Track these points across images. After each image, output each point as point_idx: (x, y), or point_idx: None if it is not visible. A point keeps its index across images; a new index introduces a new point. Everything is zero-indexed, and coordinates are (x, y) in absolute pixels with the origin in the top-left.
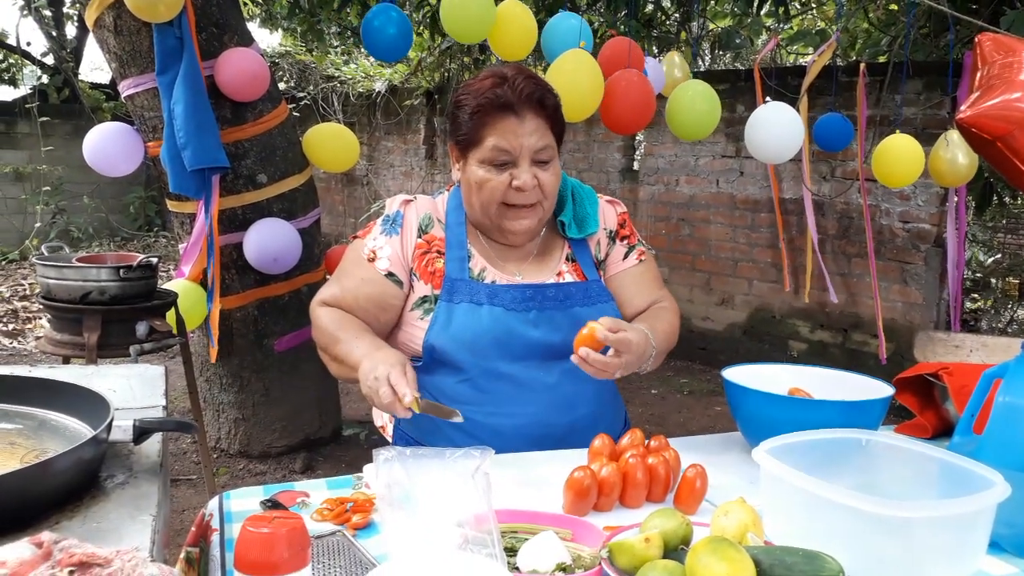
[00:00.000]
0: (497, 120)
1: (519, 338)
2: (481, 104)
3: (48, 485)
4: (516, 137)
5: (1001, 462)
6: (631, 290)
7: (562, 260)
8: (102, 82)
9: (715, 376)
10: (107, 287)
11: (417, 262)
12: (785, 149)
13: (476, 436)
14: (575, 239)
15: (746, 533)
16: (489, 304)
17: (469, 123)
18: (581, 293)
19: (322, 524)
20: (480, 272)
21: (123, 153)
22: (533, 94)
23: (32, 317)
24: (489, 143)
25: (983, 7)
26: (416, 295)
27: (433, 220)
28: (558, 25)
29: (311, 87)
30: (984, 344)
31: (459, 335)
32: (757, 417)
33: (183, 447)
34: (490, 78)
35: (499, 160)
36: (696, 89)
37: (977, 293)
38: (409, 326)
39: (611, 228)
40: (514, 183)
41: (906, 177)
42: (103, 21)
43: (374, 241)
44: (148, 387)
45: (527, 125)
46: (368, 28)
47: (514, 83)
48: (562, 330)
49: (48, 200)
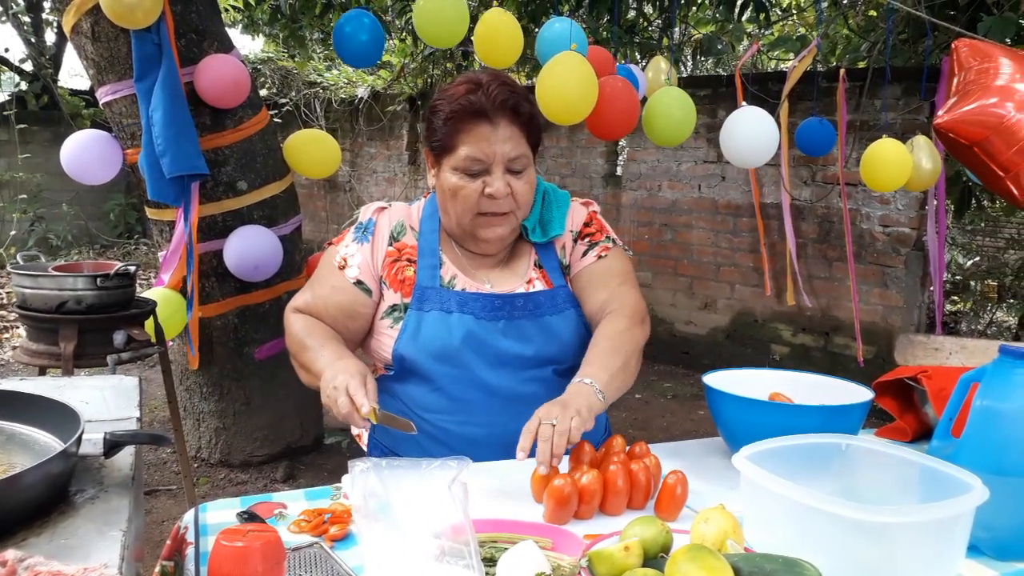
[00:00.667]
0: (471, 127)
1: (489, 347)
2: (455, 110)
3: (15, 501)
4: (489, 145)
5: (979, 466)
6: (588, 290)
7: (531, 267)
8: (81, 89)
9: (698, 380)
10: (84, 296)
11: (387, 270)
12: (760, 153)
13: (449, 445)
14: (540, 244)
15: (726, 540)
16: (459, 312)
17: (443, 129)
18: (549, 301)
19: (299, 536)
20: (451, 280)
21: (101, 161)
22: (507, 101)
23: (9, 326)
24: (462, 151)
25: (960, 13)
26: (386, 303)
27: (406, 228)
28: (551, 30)
29: (293, 93)
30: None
31: (428, 344)
32: (738, 422)
33: (163, 457)
34: (464, 84)
35: (472, 168)
36: (672, 95)
37: (957, 296)
38: (380, 334)
39: (576, 229)
40: (487, 191)
41: (894, 181)
42: (80, 27)
43: (346, 248)
44: (122, 398)
45: (500, 132)
46: (339, 34)
47: (488, 89)
48: (533, 340)
49: (26, 208)
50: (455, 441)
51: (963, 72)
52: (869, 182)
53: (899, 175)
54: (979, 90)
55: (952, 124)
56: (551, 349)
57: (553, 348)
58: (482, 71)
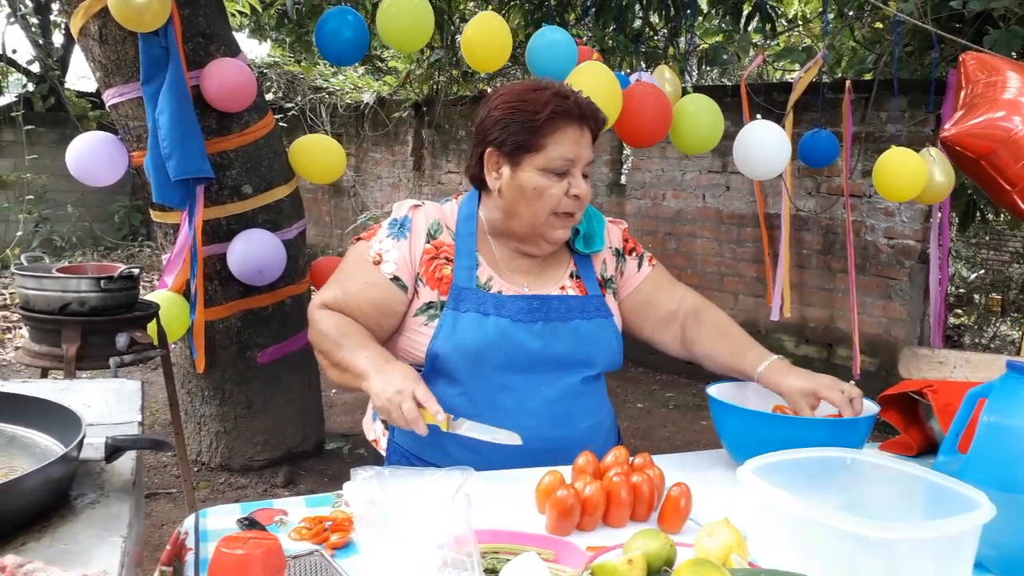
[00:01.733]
0: (564, 128)
1: (524, 350)
2: (551, 112)
3: (15, 505)
4: (578, 147)
5: (986, 482)
6: (657, 295)
7: (566, 275)
8: (88, 91)
9: (700, 390)
10: (87, 298)
11: (424, 267)
12: (772, 166)
13: (475, 449)
14: (580, 255)
15: (730, 555)
16: (496, 315)
17: (530, 129)
18: (581, 307)
19: (300, 543)
20: (486, 281)
21: (107, 163)
22: (596, 112)
23: (12, 327)
24: (553, 151)
25: (967, 26)
26: (421, 301)
27: (442, 226)
28: (543, 39)
29: (299, 98)
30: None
31: (463, 344)
32: (742, 434)
33: (163, 460)
34: (546, 90)
35: (561, 169)
36: (699, 103)
37: (960, 309)
38: (412, 332)
39: (617, 246)
40: (572, 191)
41: (908, 191)
42: (88, 30)
43: (380, 244)
44: (124, 402)
45: (586, 137)
46: (322, 31)
47: (576, 97)
48: (565, 342)
49: (32, 209)
50: (481, 445)
51: (970, 85)
52: (882, 191)
53: (913, 184)
54: (987, 103)
55: (959, 137)
56: (580, 353)
57: (582, 352)
58: (547, 79)
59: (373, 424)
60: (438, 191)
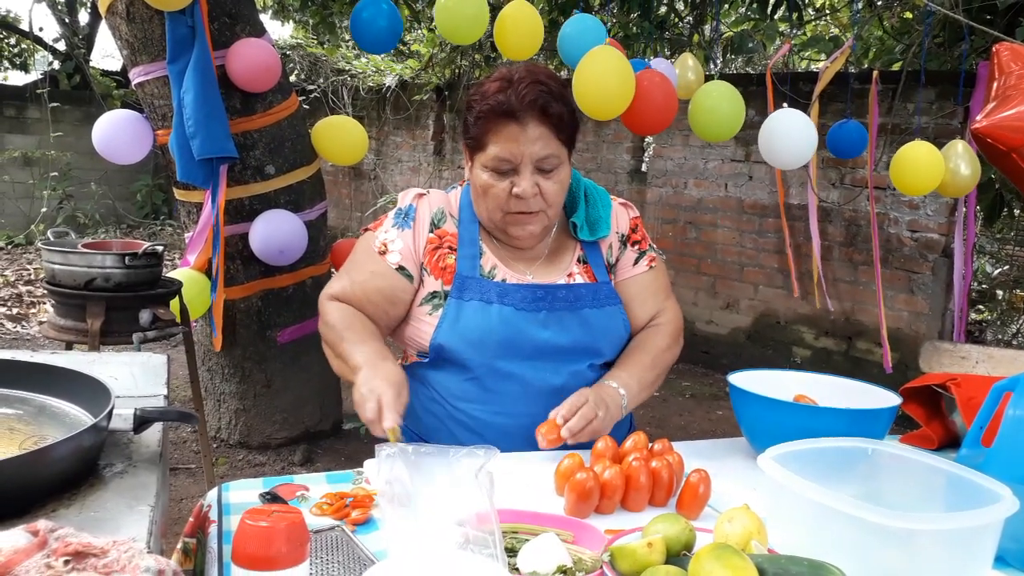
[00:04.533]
0: (499, 127)
1: (528, 338)
2: (484, 110)
3: (46, 472)
4: (517, 145)
5: (1009, 476)
6: (637, 299)
7: (573, 261)
8: (113, 69)
9: (718, 380)
10: (112, 274)
11: (428, 257)
12: (799, 155)
13: (481, 435)
14: (587, 241)
15: (750, 540)
16: (499, 303)
17: (475, 127)
18: (591, 295)
19: (321, 519)
20: (491, 270)
21: (132, 141)
22: (536, 101)
23: (36, 302)
24: (491, 150)
25: (999, 17)
26: (426, 290)
27: (446, 215)
28: (575, 26)
29: (321, 80)
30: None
31: (467, 333)
32: (762, 423)
33: (183, 436)
34: (497, 81)
35: (501, 168)
36: (720, 90)
37: (983, 304)
38: (417, 321)
39: (623, 232)
40: (514, 191)
41: (925, 185)
42: (115, 8)
43: (385, 234)
44: (150, 376)
45: (529, 133)
46: (357, 20)
47: (518, 88)
48: (572, 331)
49: (56, 186)
50: (487, 430)
51: (1003, 76)
52: (899, 185)
53: (930, 179)
54: (1020, 95)
55: (990, 129)
56: (589, 342)
57: (591, 341)
58: (519, 66)
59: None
60: (458, 176)
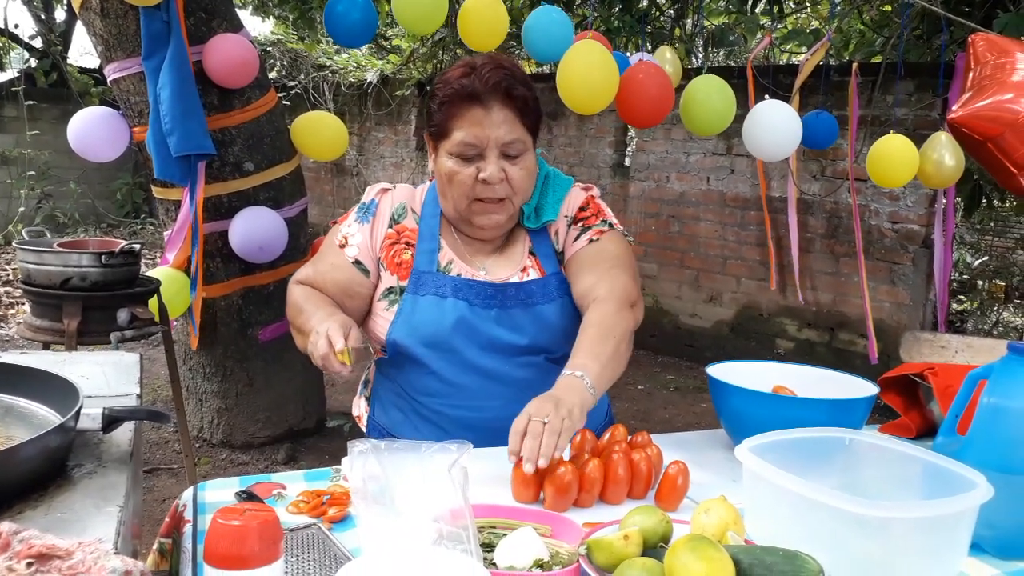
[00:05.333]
0: (464, 111)
1: (482, 334)
2: (448, 95)
3: (12, 473)
4: (482, 129)
5: (984, 463)
6: (577, 274)
7: (525, 254)
8: (91, 66)
9: (701, 373)
10: (88, 273)
11: (385, 252)
12: (782, 147)
13: (445, 429)
14: (534, 230)
15: (726, 531)
16: (453, 297)
17: (439, 114)
18: (541, 290)
19: (298, 517)
20: (447, 264)
21: (108, 138)
22: (500, 83)
23: (14, 302)
24: (456, 135)
25: (976, 9)
26: (383, 285)
27: (407, 211)
28: (539, 19)
29: (302, 76)
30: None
31: (422, 328)
32: (740, 414)
33: (165, 436)
34: (460, 68)
35: (466, 153)
36: (712, 84)
37: (963, 295)
38: (376, 316)
39: (571, 214)
40: (481, 176)
41: (900, 178)
42: (89, 3)
43: (347, 228)
44: (122, 375)
45: (494, 116)
46: (331, 13)
47: (481, 73)
48: (525, 329)
49: (34, 185)
50: (449, 424)
51: (979, 67)
52: (875, 177)
53: (905, 171)
54: (995, 85)
55: (966, 119)
56: (543, 338)
57: (545, 337)
58: (481, 55)
59: (358, 401)
60: None
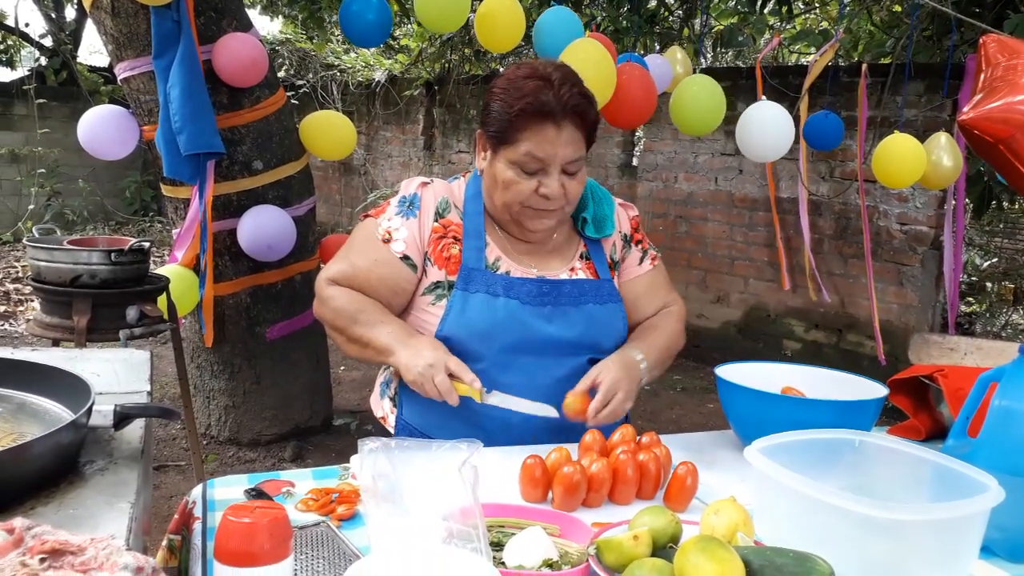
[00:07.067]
0: (536, 126)
1: (534, 332)
2: (523, 107)
3: (24, 470)
4: (552, 147)
5: (995, 466)
6: (644, 297)
7: (576, 257)
8: (100, 65)
9: (709, 373)
10: (98, 271)
11: (432, 246)
12: (774, 148)
13: (484, 427)
14: (591, 239)
15: (736, 532)
16: (505, 296)
17: (505, 121)
18: (594, 291)
19: (307, 514)
20: (495, 261)
21: (118, 136)
22: (578, 107)
23: (24, 300)
24: (523, 147)
25: (987, 10)
26: (429, 280)
27: (450, 205)
28: (551, 18)
29: (311, 75)
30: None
31: (474, 326)
32: (750, 415)
33: (172, 433)
34: (534, 79)
35: (529, 166)
36: (701, 84)
37: (972, 297)
38: (420, 311)
39: (626, 232)
40: (541, 190)
41: (907, 178)
42: (100, 2)
43: (389, 222)
44: (133, 372)
45: (564, 136)
46: (346, 13)
47: (560, 91)
48: (576, 326)
49: (43, 183)
50: (490, 423)
51: (990, 68)
52: (881, 177)
53: (912, 171)
54: (1006, 87)
55: (977, 121)
56: (592, 337)
57: (594, 336)
58: (547, 62)
59: (381, 401)
60: (448, 171)
